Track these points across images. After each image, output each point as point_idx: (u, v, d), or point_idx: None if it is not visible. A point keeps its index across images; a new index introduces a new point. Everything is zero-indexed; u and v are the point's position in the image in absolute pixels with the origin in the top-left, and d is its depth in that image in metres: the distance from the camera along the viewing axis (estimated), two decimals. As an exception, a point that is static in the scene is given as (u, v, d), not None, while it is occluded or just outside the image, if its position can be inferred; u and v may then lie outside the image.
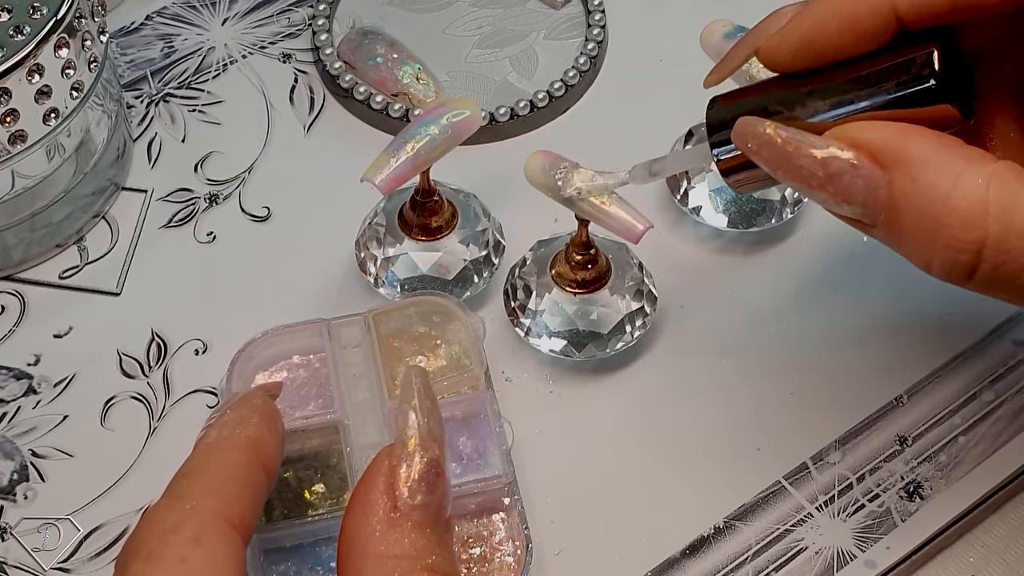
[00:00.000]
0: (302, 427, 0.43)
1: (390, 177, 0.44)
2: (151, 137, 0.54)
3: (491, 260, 0.48)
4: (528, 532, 0.42)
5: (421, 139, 0.45)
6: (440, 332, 0.46)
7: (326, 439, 0.43)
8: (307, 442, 0.43)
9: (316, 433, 0.43)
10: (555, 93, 0.55)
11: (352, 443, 0.43)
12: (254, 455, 0.35)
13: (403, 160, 0.44)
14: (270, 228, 0.52)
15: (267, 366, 0.46)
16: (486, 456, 0.43)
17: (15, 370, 0.48)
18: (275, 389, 0.40)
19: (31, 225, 0.49)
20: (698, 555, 0.44)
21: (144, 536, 0.32)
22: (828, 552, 0.44)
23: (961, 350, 0.48)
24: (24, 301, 0.50)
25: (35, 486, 0.45)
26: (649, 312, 0.47)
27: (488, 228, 0.48)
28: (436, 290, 0.47)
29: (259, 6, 0.58)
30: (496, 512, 0.43)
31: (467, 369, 0.45)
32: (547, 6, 0.58)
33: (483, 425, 0.44)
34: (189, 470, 0.34)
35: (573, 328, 0.46)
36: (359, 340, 0.45)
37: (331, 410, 0.44)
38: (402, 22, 0.58)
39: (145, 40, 0.57)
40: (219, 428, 0.36)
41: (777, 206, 0.50)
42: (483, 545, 0.42)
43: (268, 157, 0.54)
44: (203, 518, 0.32)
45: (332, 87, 0.55)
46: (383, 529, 0.32)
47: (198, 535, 0.32)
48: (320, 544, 0.42)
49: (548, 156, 0.44)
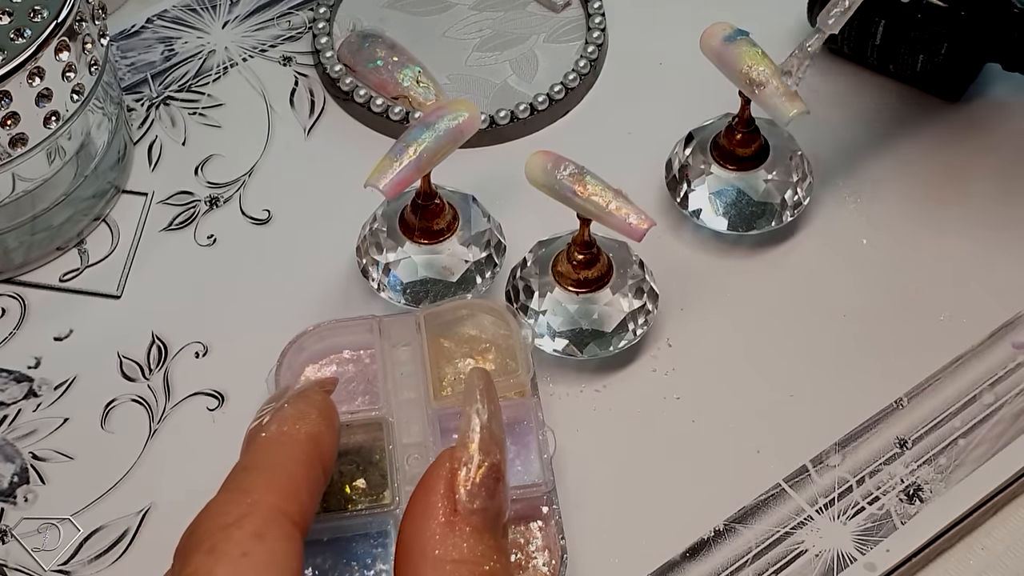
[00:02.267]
0: (347, 422, 0.42)
1: (394, 181, 0.44)
2: (151, 140, 0.54)
3: (493, 260, 0.48)
4: (564, 543, 0.42)
5: (422, 142, 0.45)
6: (490, 336, 0.46)
7: (370, 435, 0.43)
8: (351, 437, 0.43)
9: (360, 429, 0.43)
10: (555, 96, 0.55)
11: (395, 441, 0.43)
12: (313, 451, 0.35)
13: (406, 164, 0.44)
14: (270, 231, 0.52)
15: (317, 359, 0.46)
16: (527, 463, 0.43)
17: (15, 373, 0.48)
18: (330, 385, 0.40)
19: (32, 228, 0.49)
20: (698, 558, 0.44)
21: (206, 528, 0.32)
22: (828, 555, 0.44)
23: (961, 353, 0.48)
24: (25, 304, 0.50)
25: (35, 489, 0.45)
26: (651, 310, 0.47)
27: (489, 229, 0.49)
28: (441, 293, 0.47)
29: (259, 9, 0.58)
30: (534, 520, 0.43)
31: (514, 374, 0.44)
32: (547, 9, 0.58)
33: (526, 432, 0.44)
34: (249, 464, 0.34)
35: (576, 327, 0.46)
36: (409, 338, 0.45)
37: (376, 407, 0.44)
38: (402, 25, 0.58)
39: (146, 43, 0.57)
40: (279, 423, 0.35)
41: (777, 209, 0.50)
42: (518, 553, 0.42)
43: (268, 160, 0.54)
44: (265, 513, 0.32)
45: (332, 90, 0.55)
46: (442, 532, 0.32)
47: (260, 531, 0.32)
48: (357, 540, 0.41)
49: (549, 156, 0.44)
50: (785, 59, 0.44)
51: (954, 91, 0.54)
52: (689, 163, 0.50)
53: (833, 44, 0.55)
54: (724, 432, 0.46)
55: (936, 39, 0.52)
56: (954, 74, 0.53)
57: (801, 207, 0.50)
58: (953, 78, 0.53)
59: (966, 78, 0.54)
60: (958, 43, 0.51)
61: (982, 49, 0.53)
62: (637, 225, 0.43)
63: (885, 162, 0.53)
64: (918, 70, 0.53)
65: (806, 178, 0.50)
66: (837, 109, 0.55)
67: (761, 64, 0.46)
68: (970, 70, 0.54)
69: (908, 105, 0.55)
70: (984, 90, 0.55)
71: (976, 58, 0.53)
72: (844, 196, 0.52)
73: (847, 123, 0.54)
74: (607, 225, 0.44)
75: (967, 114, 0.54)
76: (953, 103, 0.55)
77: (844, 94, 0.55)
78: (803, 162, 0.51)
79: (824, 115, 0.54)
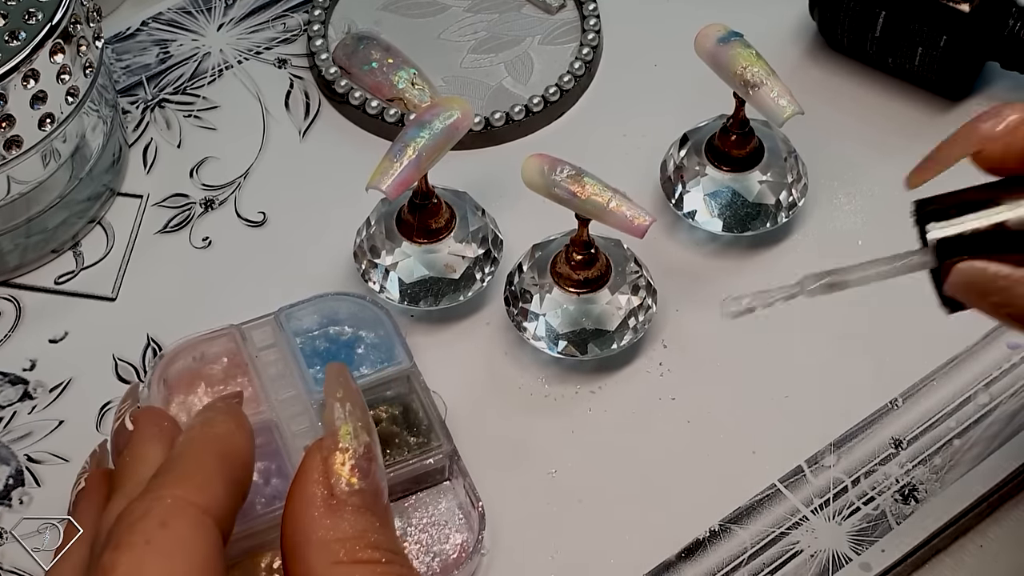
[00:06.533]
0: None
1: (396, 182, 0.44)
2: (146, 142, 0.54)
3: (492, 256, 0.48)
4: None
5: (420, 141, 0.45)
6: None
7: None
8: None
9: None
10: (550, 98, 0.55)
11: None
12: (223, 448, 0.35)
13: (406, 164, 0.44)
14: (265, 233, 0.52)
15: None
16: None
17: (10, 375, 0.48)
18: (235, 397, 0.41)
19: (27, 230, 0.49)
20: (693, 558, 0.44)
21: (112, 530, 0.32)
22: (823, 555, 0.44)
23: (956, 354, 0.48)
24: (20, 306, 0.50)
25: (31, 491, 0.45)
26: (651, 306, 0.47)
27: (485, 224, 0.49)
28: (443, 291, 0.47)
29: (255, 12, 0.58)
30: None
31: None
32: (542, 11, 0.58)
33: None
34: (159, 471, 0.35)
35: (577, 328, 0.46)
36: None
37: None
38: (397, 27, 0.58)
39: (141, 46, 0.57)
40: (186, 432, 0.36)
41: (771, 210, 0.50)
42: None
43: (263, 162, 0.54)
44: (169, 504, 0.32)
45: (327, 92, 0.55)
46: (322, 516, 0.33)
47: (164, 520, 0.32)
48: None
49: (545, 159, 0.44)
50: (756, 293, 0.39)
51: (955, 89, 0.54)
52: (684, 165, 0.50)
53: (833, 36, 0.55)
54: (719, 432, 0.46)
55: (936, 31, 0.52)
56: (953, 70, 0.53)
57: (796, 208, 0.50)
58: (953, 75, 0.53)
59: (966, 76, 0.54)
60: (957, 36, 0.51)
61: (981, 44, 0.53)
62: (639, 222, 0.43)
63: (881, 162, 0.53)
64: (916, 63, 0.53)
65: (800, 179, 0.51)
66: (833, 109, 0.55)
67: (755, 65, 0.46)
68: (970, 68, 0.54)
69: (906, 104, 0.55)
70: (983, 89, 0.55)
71: (975, 54, 0.53)
72: (839, 197, 0.52)
73: (844, 123, 0.54)
74: (608, 224, 0.44)
75: (966, 114, 0.54)
76: (954, 102, 0.55)
77: (841, 94, 0.55)
78: (797, 163, 0.51)
79: (820, 116, 0.54)
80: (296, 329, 0.46)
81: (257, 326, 0.45)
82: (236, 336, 0.45)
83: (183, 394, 0.44)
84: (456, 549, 0.43)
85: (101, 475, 0.38)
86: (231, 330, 0.45)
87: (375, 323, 0.46)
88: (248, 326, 0.45)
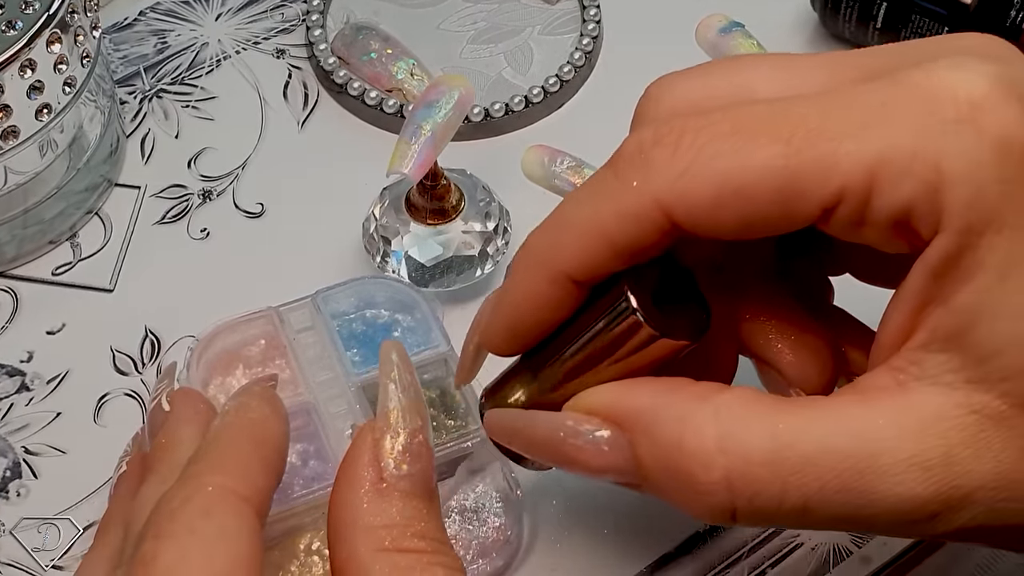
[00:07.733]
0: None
1: (417, 163, 0.44)
2: (144, 133, 0.54)
3: (504, 227, 0.49)
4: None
5: (432, 120, 0.44)
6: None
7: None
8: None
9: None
10: (550, 88, 0.54)
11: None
12: (259, 434, 0.35)
13: (424, 143, 0.44)
14: (264, 224, 0.52)
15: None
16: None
17: (8, 367, 0.48)
18: (270, 380, 0.40)
19: (24, 221, 0.49)
20: (694, 552, 0.44)
21: (152, 519, 0.32)
22: (824, 548, 0.44)
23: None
24: (17, 298, 0.50)
25: (28, 483, 0.45)
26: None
27: (494, 199, 0.49)
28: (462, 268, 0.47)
29: (253, 2, 0.58)
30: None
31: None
32: (542, 1, 0.58)
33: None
34: (194, 457, 0.34)
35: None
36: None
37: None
38: (396, 17, 0.57)
39: (138, 36, 0.57)
40: (220, 418, 0.36)
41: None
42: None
43: (262, 153, 0.54)
44: (211, 493, 0.32)
45: (326, 83, 0.55)
46: (371, 500, 0.32)
47: (206, 508, 0.32)
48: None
49: (545, 150, 0.44)
50: None
51: None
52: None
53: (834, 27, 0.55)
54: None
55: (938, 23, 0.52)
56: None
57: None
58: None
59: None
60: (959, 28, 0.51)
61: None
62: None
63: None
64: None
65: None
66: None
67: None
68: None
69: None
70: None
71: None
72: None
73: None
74: None
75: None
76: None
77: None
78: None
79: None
80: (333, 312, 0.45)
81: (294, 308, 0.45)
82: (274, 318, 0.44)
83: (221, 376, 0.44)
84: (494, 533, 0.43)
85: (143, 458, 0.38)
86: (269, 312, 0.44)
87: (412, 306, 0.46)
88: (285, 308, 0.45)
